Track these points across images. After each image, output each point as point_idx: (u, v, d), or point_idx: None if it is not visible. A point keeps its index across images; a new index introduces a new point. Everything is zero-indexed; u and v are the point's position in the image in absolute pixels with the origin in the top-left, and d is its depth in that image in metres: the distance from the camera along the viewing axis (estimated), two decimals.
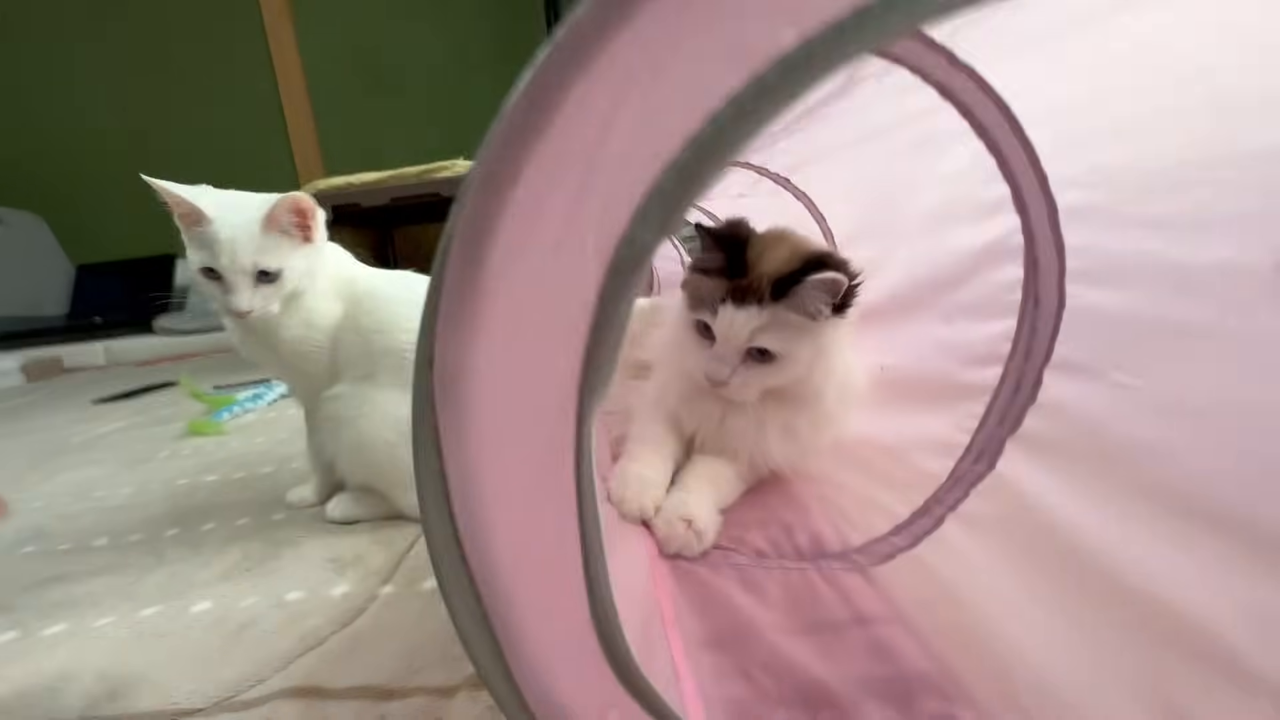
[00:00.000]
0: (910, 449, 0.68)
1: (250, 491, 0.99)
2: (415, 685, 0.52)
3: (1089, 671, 0.40)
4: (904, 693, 0.45)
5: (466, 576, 0.23)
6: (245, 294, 0.74)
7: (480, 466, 0.22)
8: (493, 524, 0.22)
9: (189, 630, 0.63)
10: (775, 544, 0.66)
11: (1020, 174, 0.49)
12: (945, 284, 0.64)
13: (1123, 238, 0.45)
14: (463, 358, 0.21)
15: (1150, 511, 0.42)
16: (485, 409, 0.21)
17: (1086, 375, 0.50)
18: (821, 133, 0.64)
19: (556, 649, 0.24)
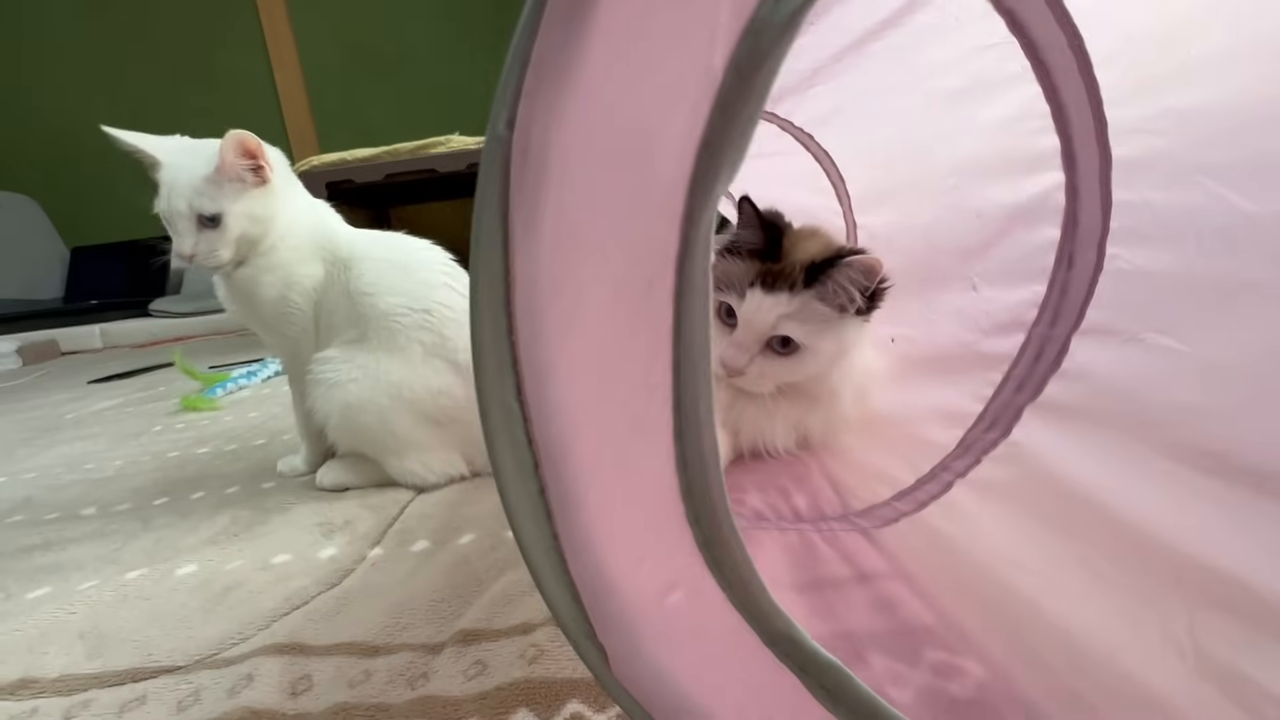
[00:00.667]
0: (918, 420, 0.66)
1: (242, 463, 0.97)
2: (401, 642, 0.50)
3: (1114, 623, 0.38)
4: (908, 645, 0.43)
5: (519, 407, 0.18)
6: (187, 239, 0.73)
7: (557, 265, 0.18)
8: (561, 340, 0.18)
9: (173, 593, 0.61)
10: (773, 506, 0.64)
11: (1076, 122, 0.47)
12: (971, 250, 0.62)
13: (1180, 189, 0.42)
14: (550, 122, 0.17)
15: (1181, 472, 0.40)
16: (571, 195, 0.17)
17: (1119, 339, 0.48)
18: (861, 76, 0.62)
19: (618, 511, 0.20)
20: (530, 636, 0.49)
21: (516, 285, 0.18)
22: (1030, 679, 0.38)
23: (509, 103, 0.17)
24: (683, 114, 0.17)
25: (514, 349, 0.18)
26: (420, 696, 0.44)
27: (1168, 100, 0.42)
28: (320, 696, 0.45)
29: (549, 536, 0.20)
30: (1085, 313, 0.50)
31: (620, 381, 0.19)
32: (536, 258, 0.18)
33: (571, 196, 0.17)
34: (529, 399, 0.18)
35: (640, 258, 0.18)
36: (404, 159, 1.75)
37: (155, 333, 2.51)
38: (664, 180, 0.17)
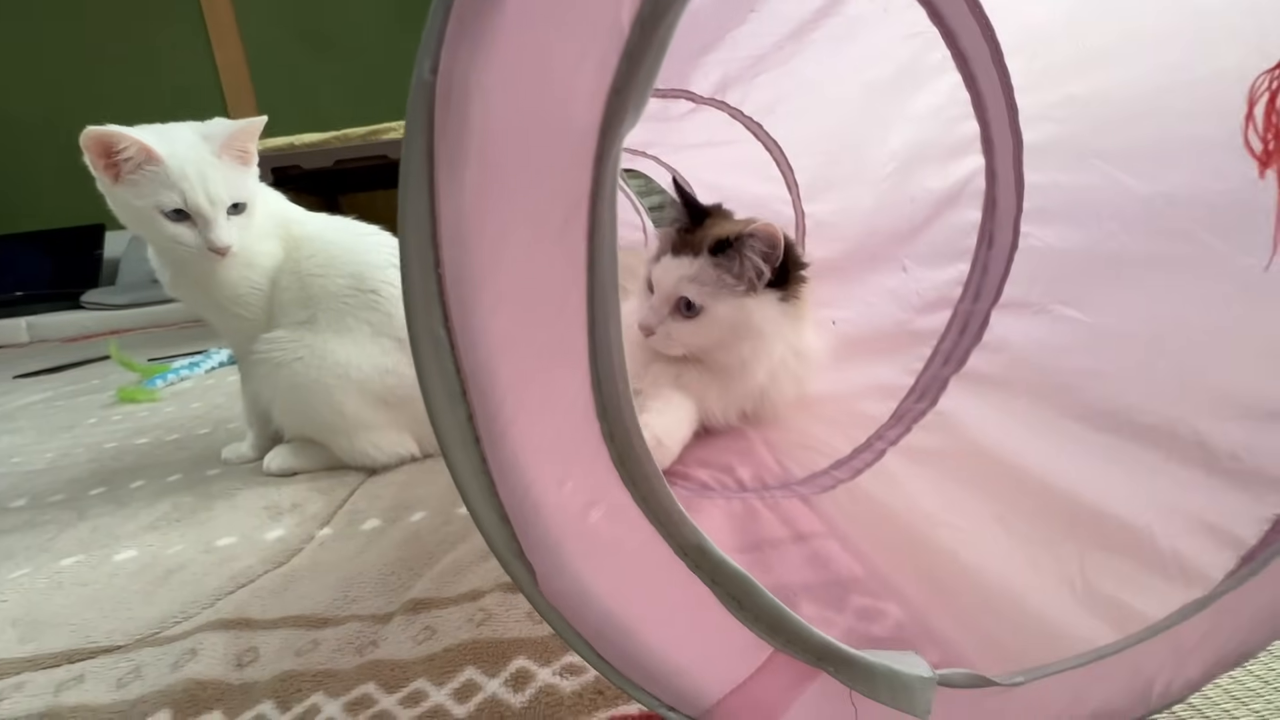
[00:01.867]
0: (856, 396, 0.70)
1: (185, 452, 0.94)
2: (349, 614, 0.50)
3: (1020, 567, 0.42)
4: (836, 594, 0.46)
5: (446, 335, 0.20)
6: (226, 228, 0.72)
7: (479, 202, 0.19)
8: (484, 273, 0.20)
9: (112, 578, 0.59)
10: (719, 480, 0.66)
11: (992, 109, 0.50)
12: (904, 234, 0.65)
13: (1080, 172, 0.47)
14: (470, 68, 0.18)
15: (1081, 431, 0.45)
16: (495, 134, 0.19)
17: (1031, 311, 0.52)
18: (804, 64, 0.65)
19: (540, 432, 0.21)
20: (479, 602, 0.50)
21: (442, 221, 0.19)
22: (945, 619, 0.42)
23: (432, 49, 0.18)
24: (594, 63, 0.19)
25: (440, 281, 0.19)
26: (369, 661, 0.44)
27: (1067, 88, 0.46)
28: (266, 666, 0.45)
29: (477, 459, 0.21)
30: (1003, 288, 0.54)
31: (540, 310, 0.20)
32: (460, 196, 0.19)
33: (492, 139, 0.19)
34: (455, 328, 0.20)
35: (557, 195, 0.20)
36: (355, 144, 1.71)
37: (88, 325, 2.38)
38: (578, 123, 0.19)
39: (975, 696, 0.29)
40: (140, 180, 0.69)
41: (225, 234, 0.72)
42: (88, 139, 0.67)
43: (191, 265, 0.75)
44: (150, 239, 0.74)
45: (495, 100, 0.18)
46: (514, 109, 0.19)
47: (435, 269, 0.19)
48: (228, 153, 0.72)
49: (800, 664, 0.26)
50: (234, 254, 0.74)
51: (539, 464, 0.21)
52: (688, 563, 0.24)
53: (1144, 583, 0.36)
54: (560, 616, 0.23)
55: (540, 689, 0.40)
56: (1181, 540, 0.35)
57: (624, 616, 0.23)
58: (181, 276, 0.77)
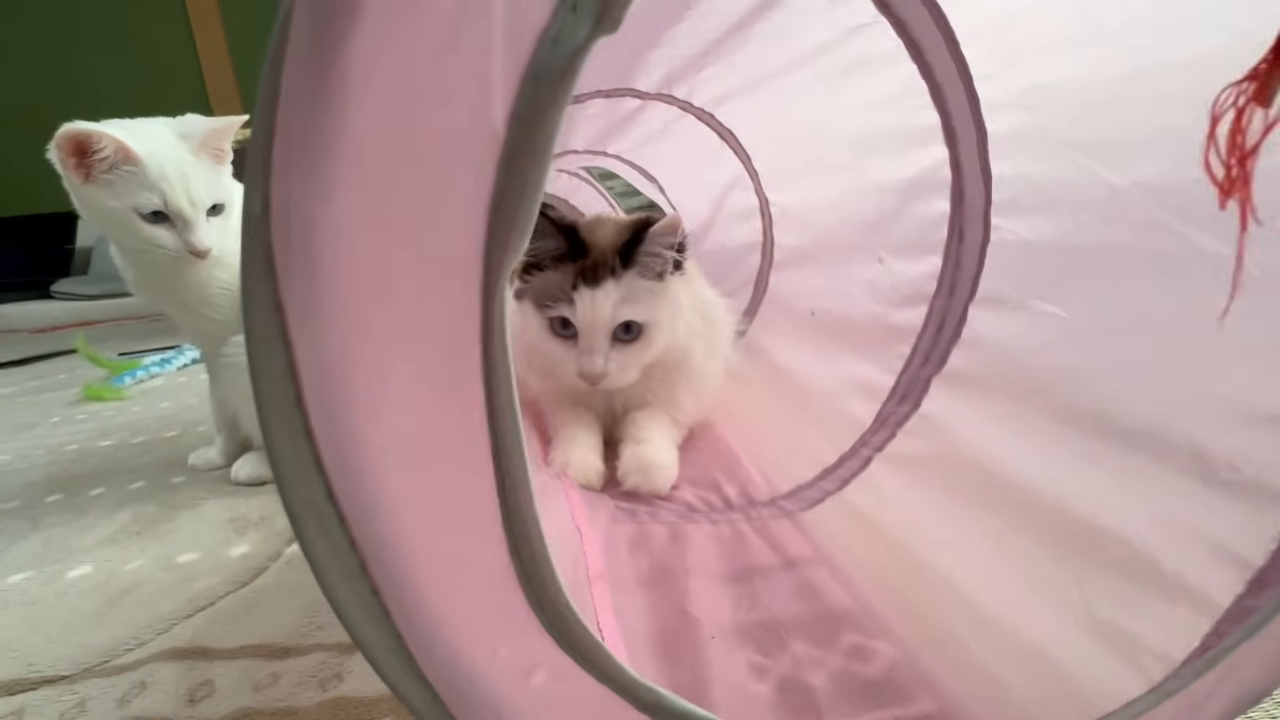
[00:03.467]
0: (838, 394, 0.67)
1: (149, 456, 0.91)
2: (313, 642, 0.48)
3: (1017, 592, 0.40)
4: (827, 629, 0.44)
5: (332, 509, 0.17)
6: (206, 230, 0.69)
7: (346, 355, 0.16)
8: (366, 432, 0.17)
9: (62, 596, 0.56)
10: (704, 499, 0.64)
11: (952, 99, 0.48)
12: (874, 223, 0.63)
13: (1051, 162, 0.44)
14: (313, 198, 0.15)
15: (1069, 436, 0.42)
16: (349, 272, 0.16)
17: (1008, 308, 0.50)
18: (750, 58, 0.62)
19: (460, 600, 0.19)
20: None
21: (304, 378, 0.16)
22: (940, 659, 0.40)
23: (259, 181, 0.15)
24: (466, 174, 0.16)
25: (314, 446, 0.17)
26: (331, 699, 0.42)
27: (1032, 77, 0.44)
28: (221, 703, 0.42)
29: (392, 636, 0.18)
30: (979, 283, 0.52)
31: (440, 468, 0.18)
32: (320, 346, 0.16)
33: (349, 277, 0.16)
34: (341, 498, 0.17)
35: (441, 336, 0.17)
36: None
37: (57, 316, 2.32)
38: (455, 247, 0.16)
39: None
40: (115, 180, 0.65)
41: (206, 236, 0.69)
42: (63, 138, 0.63)
43: (159, 265, 0.71)
44: (121, 240, 0.70)
45: (346, 233, 0.16)
46: (373, 240, 0.16)
47: (305, 434, 0.16)
48: (205, 151, 0.69)
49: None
50: (214, 258, 0.71)
51: (465, 634, 0.19)
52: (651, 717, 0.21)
53: (1147, 607, 0.34)
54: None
55: None
56: (1182, 558, 0.33)
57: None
58: (146, 276, 0.73)
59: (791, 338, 0.84)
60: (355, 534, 0.17)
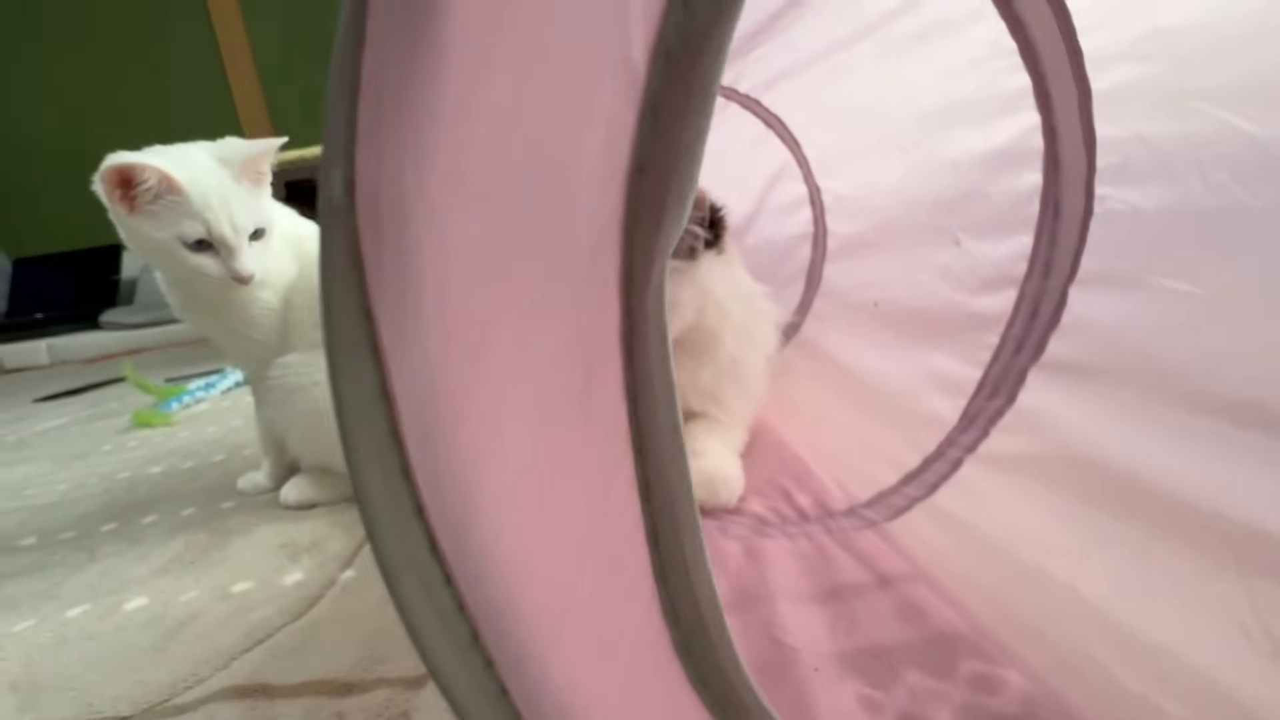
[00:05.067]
0: (913, 391, 0.63)
1: (199, 482, 0.90)
2: (376, 677, 0.45)
3: (1164, 606, 0.35)
4: (942, 657, 0.39)
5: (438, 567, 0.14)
6: (249, 256, 0.68)
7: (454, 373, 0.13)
8: (479, 471, 0.14)
9: (120, 630, 0.55)
10: (776, 511, 0.60)
11: (1047, 56, 0.43)
12: (949, 202, 0.58)
13: (1173, 118, 0.39)
14: (410, 172, 0.12)
15: (1215, 428, 0.37)
16: (456, 265, 0.12)
17: (1124, 286, 0.45)
18: (807, 32, 0.58)
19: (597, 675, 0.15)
20: None
21: (401, 405, 0.13)
22: (1078, 685, 0.35)
23: (341, 155, 0.11)
24: (598, 128, 0.12)
25: (414, 490, 0.13)
26: None
27: (1148, 22, 0.39)
28: None
29: (510, 717, 0.15)
30: (1080, 261, 0.47)
31: (569, 514, 0.14)
32: (420, 364, 0.13)
33: (456, 270, 0.13)
34: (447, 554, 0.14)
35: (569, 342, 0.13)
36: None
37: (106, 346, 2.38)
38: (585, 227, 0.12)
39: None
40: (160, 211, 0.64)
41: (249, 262, 0.68)
42: (107, 170, 0.62)
43: (203, 291, 0.70)
44: (166, 269, 0.70)
45: (449, 212, 0.12)
46: (483, 222, 0.12)
47: (402, 472, 0.13)
48: (245, 175, 0.68)
49: None
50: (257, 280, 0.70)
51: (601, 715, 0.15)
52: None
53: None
54: None
55: None
56: None
57: None
58: (191, 301, 0.73)
59: (851, 332, 0.79)
60: (465, 596, 0.14)
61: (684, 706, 0.16)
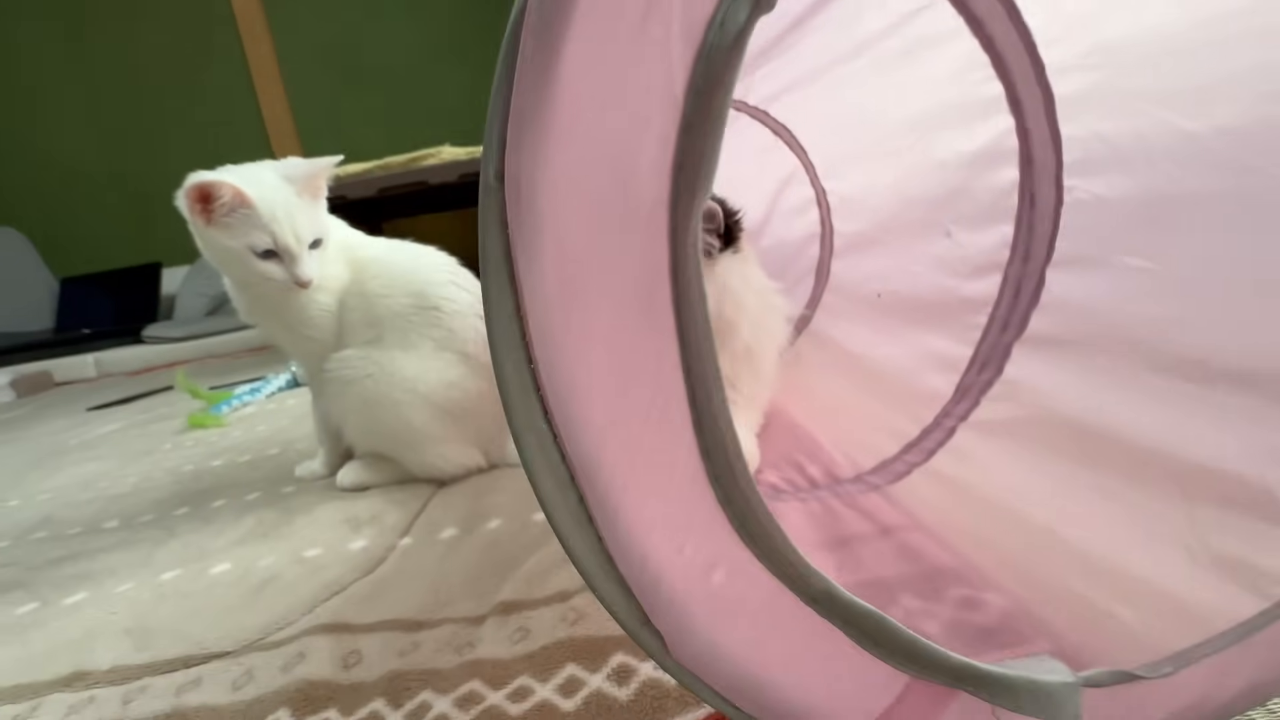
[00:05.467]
0: (914, 370, 0.69)
1: (258, 472, 0.98)
2: (443, 617, 0.52)
3: (1124, 536, 0.41)
4: (933, 586, 0.45)
5: (548, 428, 0.20)
6: (309, 263, 0.76)
7: (562, 294, 0.20)
8: (576, 362, 0.20)
9: (211, 589, 0.62)
10: (789, 480, 0.66)
11: (1016, 68, 0.50)
12: (939, 199, 0.65)
13: (1123, 118, 0.46)
14: (536, 171, 0.19)
15: (1171, 385, 0.43)
16: (567, 226, 0.19)
17: (1091, 266, 0.51)
18: (807, 51, 0.65)
19: (653, 504, 0.22)
20: (569, 602, 0.51)
21: (529, 319, 0.20)
22: (1051, 604, 0.41)
23: (495, 156, 0.19)
24: (653, 140, 0.19)
25: (535, 376, 0.20)
26: (470, 661, 0.46)
27: (1095, 37, 0.46)
28: (372, 667, 0.46)
29: (594, 539, 0.22)
30: (1054, 246, 0.53)
31: (636, 388, 0.21)
32: (543, 291, 0.20)
33: (565, 230, 0.19)
34: (556, 419, 0.20)
35: (636, 275, 0.20)
36: (396, 172, 1.76)
37: (149, 359, 2.49)
38: (646, 203, 0.19)
39: (1117, 692, 0.28)
40: (233, 223, 0.73)
41: (309, 269, 0.76)
42: (190, 188, 0.71)
43: (268, 294, 0.79)
44: (235, 275, 0.78)
45: (562, 193, 0.19)
46: (581, 198, 0.19)
47: (528, 365, 0.20)
48: (306, 191, 0.77)
49: (938, 687, 0.26)
50: (315, 285, 0.78)
51: (655, 536, 0.22)
52: (817, 610, 0.24)
53: (1265, 536, 0.34)
54: (694, 677, 0.24)
55: (644, 683, 0.41)
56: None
57: (757, 668, 0.24)
58: (256, 304, 0.81)
59: (858, 322, 0.85)
60: (566, 449, 0.21)
61: (717, 521, 0.22)
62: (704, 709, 0.38)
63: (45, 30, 2.80)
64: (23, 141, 2.87)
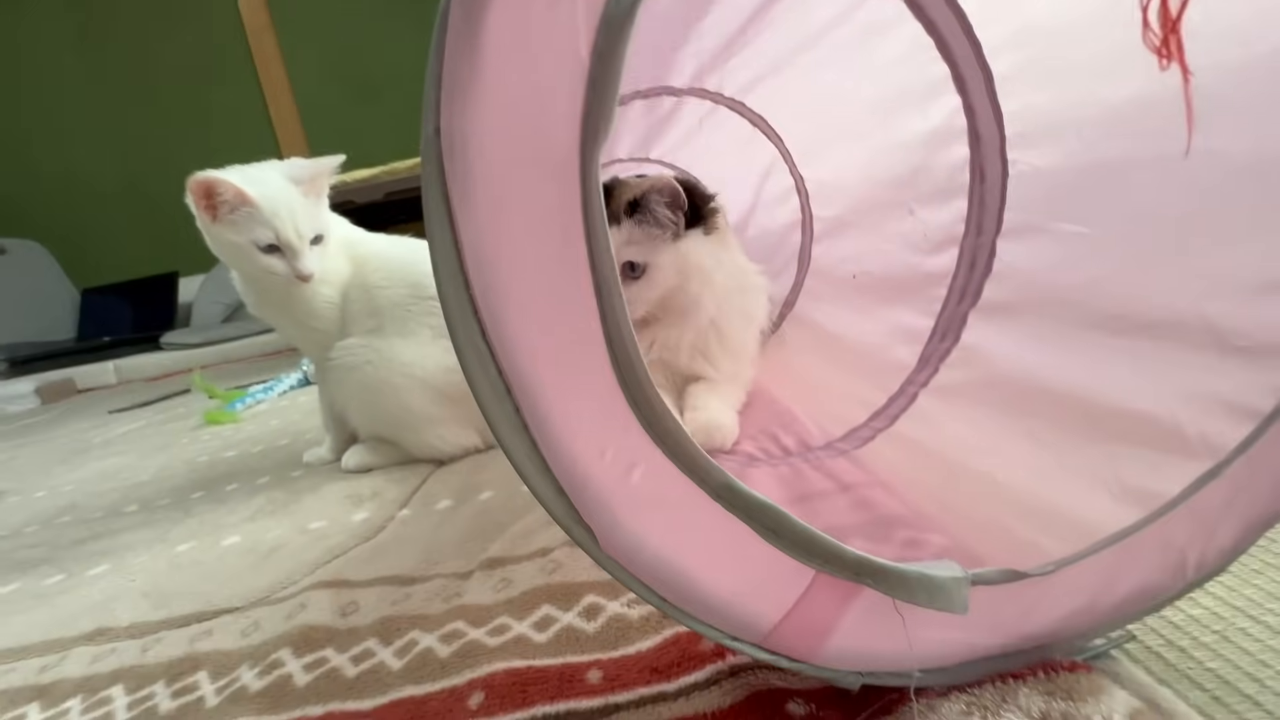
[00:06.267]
0: (884, 345, 0.72)
1: (269, 460, 1.03)
2: (434, 573, 0.56)
3: (1054, 477, 0.44)
4: (882, 530, 0.49)
5: (485, 346, 0.24)
6: (310, 257, 0.81)
7: (492, 229, 0.23)
8: (508, 293, 0.24)
9: (222, 557, 0.67)
10: (764, 450, 0.70)
11: (957, 49, 0.53)
12: (903, 178, 0.68)
13: (1052, 90, 0.49)
14: (465, 124, 0.22)
15: (1098, 338, 0.46)
16: (493, 171, 0.23)
17: (1033, 234, 0.54)
18: (770, 41, 0.68)
19: (577, 413, 0.25)
20: (549, 556, 0.54)
21: (465, 249, 0.23)
22: (986, 541, 0.44)
23: (433, 114, 0.23)
24: (565, 96, 0.23)
25: (472, 300, 0.24)
26: (456, 606, 0.49)
27: (1021, 18, 0.49)
28: (367, 614, 0.51)
29: (529, 444, 0.25)
30: (1003, 217, 0.56)
31: (559, 310, 0.25)
32: (476, 225, 0.23)
33: (493, 174, 0.23)
34: (491, 338, 0.24)
35: (555, 211, 0.24)
36: (402, 177, 1.82)
37: (166, 364, 2.57)
38: (560, 149, 0.23)
39: (1012, 591, 0.32)
40: (238, 220, 0.78)
41: (309, 263, 0.81)
42: (193, 184, 0.76)
43: (274, 288, 0.83)
44: (242, 269, 0.83)
45: (489, 144, 0.23)
46: (506, 148, 0.23)
47: (466, 290, 0.24)
48: (310, 190, 0.81)
49: (842, 582, 0.29)
50: (317, 278, 0.82)
51: (581, 440, 0.25)
52: (722, 504, 0.27)
53: (1174, 467, 0.37)
54: (621, 567, 0.27)
55: (610, 617, 0.45)
56: (1205, 422, 0.36)
57: (677, 560, 0.28)
58: (264, 297, 0.86)
59: (837, 303, 0.89)
60: (501, 364, 0.25)
61: (631, 426, 0.26)
62: (661, 635, 0.41)
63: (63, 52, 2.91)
64: (44, 158, 2.98)
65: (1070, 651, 0.34)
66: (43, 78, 2.92)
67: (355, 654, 0.46)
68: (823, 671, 0.31)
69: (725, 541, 0.28)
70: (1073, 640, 0.34)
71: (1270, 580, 0.40)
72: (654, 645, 0.41)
